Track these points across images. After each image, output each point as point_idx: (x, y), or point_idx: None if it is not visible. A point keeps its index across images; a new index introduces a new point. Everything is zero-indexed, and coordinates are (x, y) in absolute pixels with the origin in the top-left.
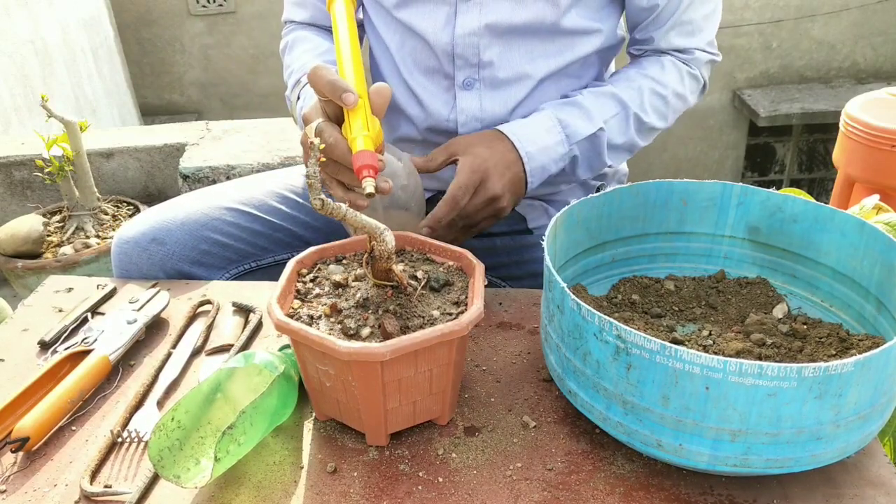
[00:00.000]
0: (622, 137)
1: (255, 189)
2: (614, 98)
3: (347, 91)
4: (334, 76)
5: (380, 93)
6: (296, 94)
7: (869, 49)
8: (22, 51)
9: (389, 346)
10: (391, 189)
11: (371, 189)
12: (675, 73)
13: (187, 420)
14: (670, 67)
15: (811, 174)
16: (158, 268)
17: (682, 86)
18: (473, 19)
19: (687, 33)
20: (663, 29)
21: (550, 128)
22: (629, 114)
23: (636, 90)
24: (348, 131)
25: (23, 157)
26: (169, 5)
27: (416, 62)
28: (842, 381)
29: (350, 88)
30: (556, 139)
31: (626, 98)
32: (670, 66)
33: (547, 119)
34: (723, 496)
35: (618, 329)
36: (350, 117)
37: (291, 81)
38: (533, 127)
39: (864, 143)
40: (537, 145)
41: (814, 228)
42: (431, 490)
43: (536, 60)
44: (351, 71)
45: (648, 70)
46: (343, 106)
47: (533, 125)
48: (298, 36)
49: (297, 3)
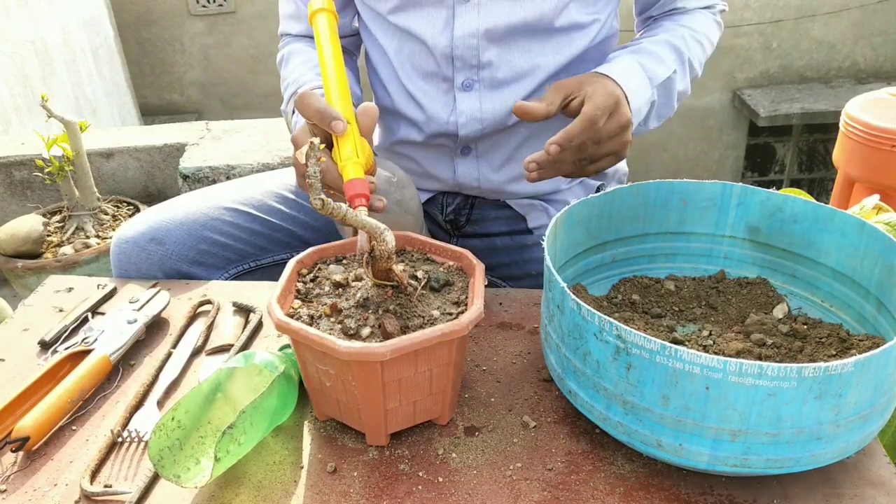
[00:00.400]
0: (682, 84)
1: (254, 189)
2: (668, 44)
3: (336, 119)
4: (322, 104)
5: (367, 113)
6: (291, 106)
7: (869, 49)
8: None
9: (389, 346)
10: (385, 207)
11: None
12: (707, 20)
13: (187, 420)
14: (700, 17)
15: (811, 174)
16: (157, 267)
17: (713, 33)
18: (472, 21)
19: None
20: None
21: (637, 71)
22: (684, 59)
23: (681, 37)
24: (338, 157)
25: (23, 157)
26: (169, 5)
27: (414, 66)
28: (842, 381)
29: (338, 116)
30: (643, 81)
31: (678, 43)
32: (700, 15)
33: (631, 62)
34: (723, 496)
35: (618, 329)
36: (339, 143)
37: (287, 94)
38: (625, 70)
39: (864, 143)
40: (634, 84)
41: (814, 228)
42: (431, 490)
43: (535, 59)
44: (337, 93)
45: (682, 20)
46: (332, 133)
47: (623, 67)
48: (293, 49)
49: (292, 17)
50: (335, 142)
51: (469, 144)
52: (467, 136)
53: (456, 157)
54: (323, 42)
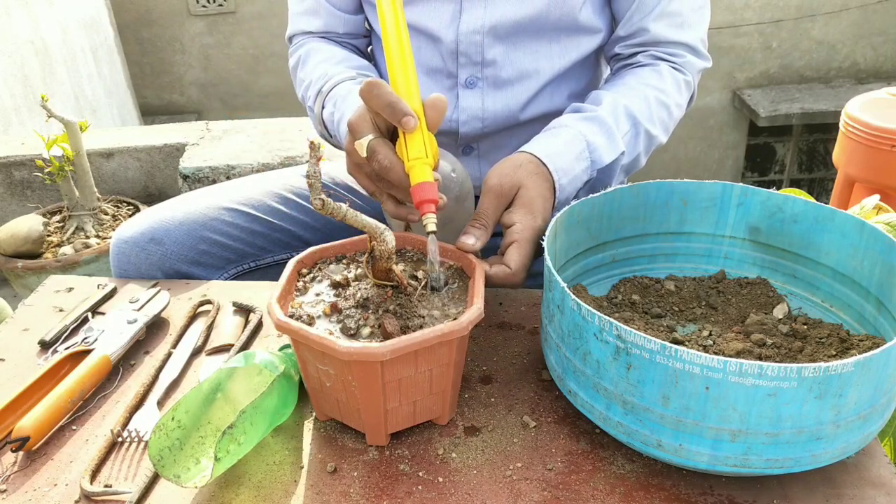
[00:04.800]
0: (630, 157)
1: (253, 189)
2: (626, 111)
3: (408, 115)
4: (393, 97)
5: (435, 106)
6: (319, 103)
7: (869, 49)
8: (22, 51)
9: (389, 346)
10: (446, 205)
11: (433, 227)
12: (673, 81)
13: (187, 420)
14: (668, 75)
15: (811, 174)
16: (157, 267)
17: (679, 95)
18: (478, 17)
19: (676, 25)
20: (650, 17)
21: (580, 154)
22: (640, 130)
23: (643, 100)
24: (404, 153)
25: (23, 157)
26: (169, 5)
27: (419, 62)
28: (842, 381)
29: (410, 111)
30: (583, 166)
31: (636, 111)
32: (668, 74)
33: (577, 142)
34: (723, 496)
35: (618, 329)
36: (407, 140)
37: (312, 92)
38: (567, 156)
39: (864, 143)
40: (569, 177)
41: (814, 228)
42: (431, 490)
43: (540, 60)
44: (403, 82)
45: (648, 79)
46: (401, 129)
47: (567, 152)
48: (311, 48)
49: (308, 12)
50: (402, 137)
51: (471, 144)
52: (468, 135)
53: (458, 156)
54: (387, 17)
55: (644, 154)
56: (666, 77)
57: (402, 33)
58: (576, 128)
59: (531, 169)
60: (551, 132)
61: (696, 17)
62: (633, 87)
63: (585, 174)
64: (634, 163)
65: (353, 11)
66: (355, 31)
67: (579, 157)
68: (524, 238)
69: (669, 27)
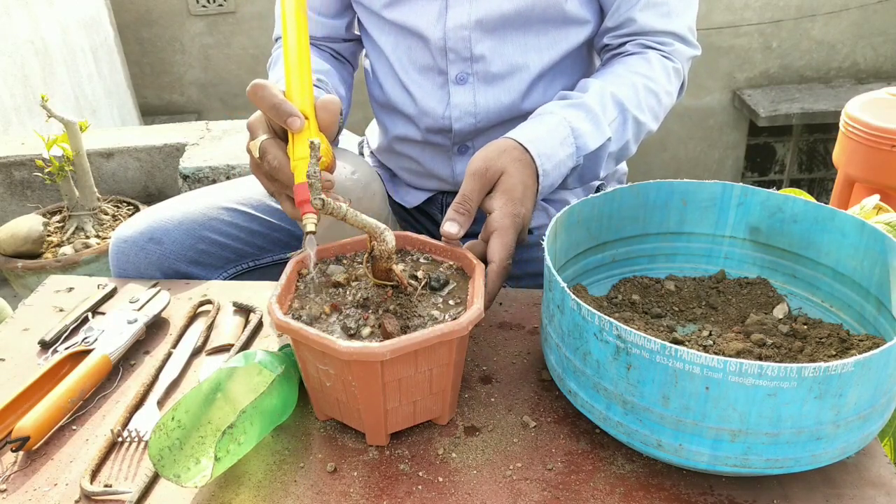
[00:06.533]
0: (618, 144)
1: (253, 189)
2: (613, 98)
3: (292, 115)
4: (277, 98)
5: (326, 108)
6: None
7: (869, 49)
8: (22, 51)
9: (389, 345)
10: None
11: (312, 227)
12: (662, 68)
13: (187, 420)
14: (657, 63)
15: (811, 174)
16: (156, 267)
17: (669, 83)
18: (464, 12)
19: (663, 14)
20: (636, 7)
21: (564, 139)
22: (627, 117)
23: (631, 87)
24: (292, 153)
25: (23, 157)
26: (169, 5)
27: (411, 61)
28: (842, 381)
29: (294, 112)
30: (567, 152)
31: (624, 97)
32: (656, 61)
33: (562, 128)
34: (723, 496)
35: (618, 329)
36: (294, 139)
37: None
38: (550, 141)
39: (864, 143)
40: (552, 162)
41: (814, 229)
42: (431, 490)
43: (529, 53)
44: (296, 85)
45: (637, 66)
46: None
47: (550, 137)
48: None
49: None
50: (290, 138)
51: (466, 142)
52: (461, 131)
53: (454, 155)
54: (288, 19)
55: (634, 141)
56: (655, 65)
57: (300, 34)
58: (560, 114)
59: (515, 155)
60: (536, 119)
61: (682, 6)
62: (620, 74)
63: (571, 160)
64: (624, 150)
65: (332, 16)
66: (334, 35)
67: (563, 143)
68: (503, 226)
69: (656, 17)
